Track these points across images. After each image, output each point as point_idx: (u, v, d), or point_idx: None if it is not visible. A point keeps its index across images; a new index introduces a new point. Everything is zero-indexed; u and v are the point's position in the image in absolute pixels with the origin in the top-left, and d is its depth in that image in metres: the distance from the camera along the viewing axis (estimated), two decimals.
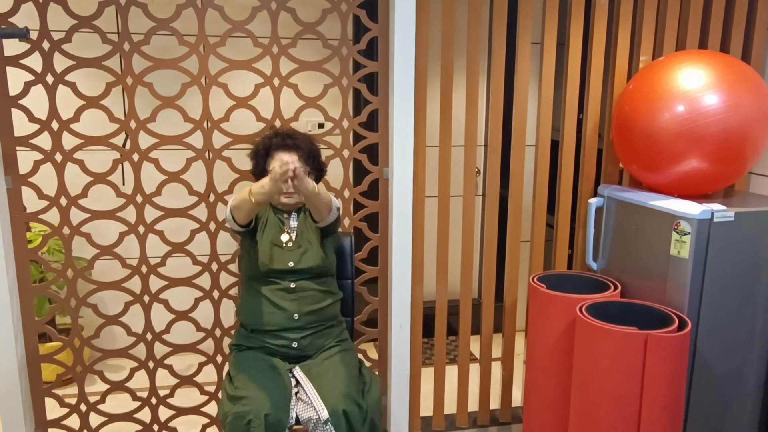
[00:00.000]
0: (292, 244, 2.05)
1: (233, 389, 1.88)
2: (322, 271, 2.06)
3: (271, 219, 2.09)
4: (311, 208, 2.02)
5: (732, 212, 1.97)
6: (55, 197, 2.20)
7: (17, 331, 2.20)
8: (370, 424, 1.86)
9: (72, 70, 2.12)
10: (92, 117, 2.26)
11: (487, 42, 3.33)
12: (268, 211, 2.11)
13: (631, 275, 2.23)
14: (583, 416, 1.97)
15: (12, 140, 2.13)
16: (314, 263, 2.03)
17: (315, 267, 2.04)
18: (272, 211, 2.11)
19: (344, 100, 2.35)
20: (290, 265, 2.01)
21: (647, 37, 2.39)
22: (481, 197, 3.64)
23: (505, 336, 2.62)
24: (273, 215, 2.10)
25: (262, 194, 1.87)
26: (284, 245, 2.05)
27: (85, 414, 2.37)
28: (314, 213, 2.03)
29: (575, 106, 2.46)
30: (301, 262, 2.02)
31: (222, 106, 2.28)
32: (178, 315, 2.39)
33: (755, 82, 2.02)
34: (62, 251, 2.79)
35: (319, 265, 2.04)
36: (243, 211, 1.94)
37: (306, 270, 2.03)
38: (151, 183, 2.27)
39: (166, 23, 2.16)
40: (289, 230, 2.09)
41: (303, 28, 2.25)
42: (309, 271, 2.03)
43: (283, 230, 2.08)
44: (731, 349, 2.06)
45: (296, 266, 2.02)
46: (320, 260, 2.05)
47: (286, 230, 2.08)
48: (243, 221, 1.98)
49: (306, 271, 2.03)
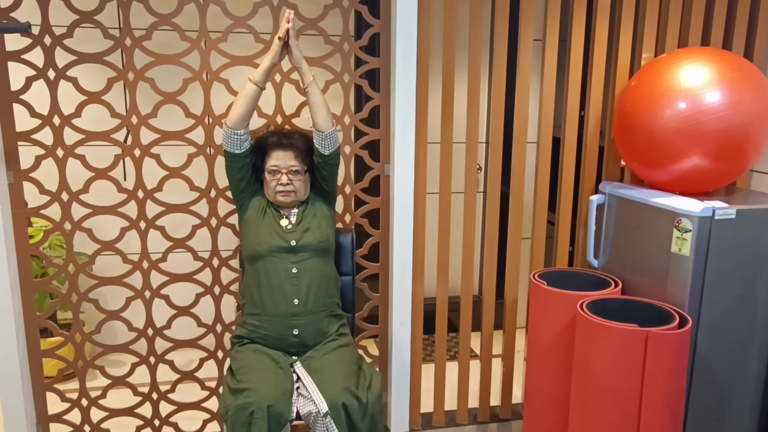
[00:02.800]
0: (292, 227, 2.06)
1: (235, 382, 1.89)
2: (324, 247, 2.06)
3: (270, 210, 2.08)
4: (313, 108, 2.02)
5: (733, 210, 1.97)
6: (57, 192, 2.20)
7: (18, 326, 2.20)
8: (371, 419, 1.86)
9: (73, 66, 2.12)
10: (94, 112, 2.27)
11: (488, 39, 3.33)
12: (266, 205, 2.10)
13: (632, 272, 2.23)
14: (584, 413, 1.97)
15: (13, 135, 2.13)
16: (315, 240, 2.04)
17: (316, 243, 2.04)
18: (272, 207, 2.10)
19: (346, 96, 2.35)
20: (292, 243, 2.02)
21: (649, 34, 2.38)
22: (482, 194, 3.64)
23: (505, 333, 2.62)
24: (272, 210, 2.09)
25: (261, 68, 1.98)
26: (284, 228, 2.05)
27: (86, 409, 2.38)
28: (317, 115, 2.03)
29: (577, 103, 2.45)
30: (302, 239, 2.03)
31: (223, 101, 2.27)
32: (179, 310, 2.39)
33: (757, 80, 2.02)
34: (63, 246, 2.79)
35: (320, 241, 2.04)
36: (239, 104, 1.98)
37: (307, 247, 2.02)
38: (153, 178, 2.27)
39: (168, 19, 2.16)
40: (289, 218, 2.09)
41: (305, 24, 2.25)
42: (310, 247, 2.03)
43: (283, 217, 2.08)
44: (732, 347, 2.06)
45: (298, 243, 2.02)
46: (321, 236, 2.05)
47: (285, 217, 2.08)
48: (238, 123, 1.99)
49: (307, 248, 2.03)
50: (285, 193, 2.05)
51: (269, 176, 2.05)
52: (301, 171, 2.05)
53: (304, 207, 2.11)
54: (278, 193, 2.04)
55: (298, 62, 2.01)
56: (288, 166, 2.03)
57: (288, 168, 2.03)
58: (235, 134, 1.99)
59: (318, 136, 2.04)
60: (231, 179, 2.08)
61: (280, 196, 2.05)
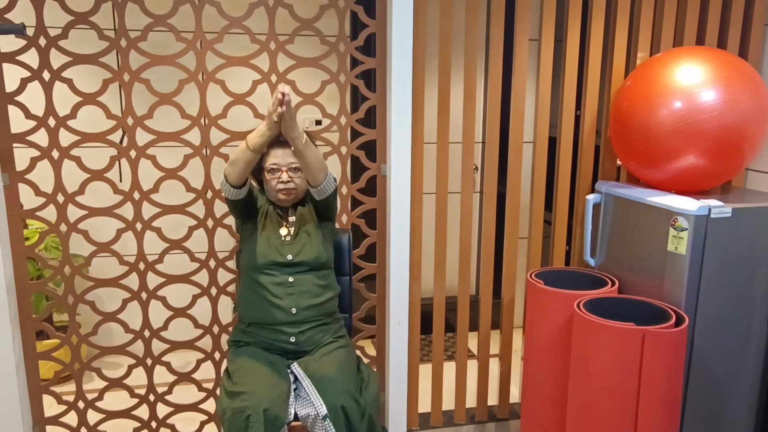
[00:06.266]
0: (290, 238, 2.05)
1: (232, 385, 1.89)
2: (321, 263, 2.06)
3: (271, 213, 2.09)
4: (305, 168, 1.96)
5: (729, 208, 1.97)
6: (52, 194, 2.19)
7: (14, 329, 2.19)
8: (369, 420, 1.86)
9: (69, 67, 2.12)
10: (89, 114, 2.26)
11: (484, 39, 3.33)
12: (267, 206, 2.11)
13: (629, 271, 2.23)
14: (581, 412, 1.97)
15: (8, 137, 2.12)
16: (313, 255, 2.03)
17: (313, 259, 2.03)
18: (271, 207, 2.11)
19: (342, 97, 2.34)
20: (289, 257, 2.01)
21: (645, 33, 2.39)
22: (478, 194, 3.64)
23: (503, 332, 2.62)
24: (272, 210, 2.10)
25: (259, 138, 1.87)
26: (283, 239, 2.05)
27: (83, 411, 2.37)
28: (309, 174, 1.97)
29: (573, 103, 2.46)
30: (299, 254, 2.02)
31: (219, 102, 2.27)
32: (175, 312, 2.39)
33: (752, 79, 2.03)
34: (59, 248, 2.78)
35: (317, 257, 2.04)
36: (238, 165, 1.92)
37: (305, 262, 2.02)
38: (149, 180, 2.27)
39: (163, 19, 2.15)
40: (287, 224, 2.08)
41: (300, 25, 2.25)
42: (307, 263, 2.03)
43: (282, 224, 2.08)
44: (728, 345, 2.06)
45: (295, 259, 2.01)
46: (319, 253, 2.05)
47: (284, 224, 2.08)
48: (238, 180, 1.95)
49: (304, 263, 2.02)
50: (286, 191, 2.04)
51: (269, 175, 2.04)
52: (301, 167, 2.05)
53: (301, 215, 2.10)
54: (280, 192, 2.04)
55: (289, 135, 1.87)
56: (288, 163, 2.03)
57: (288, 165, 2.03)
58: (236, 188, 1.99)
59: (312, 190, 2.03)
60: (235, 215, 2.10)
61: (282, 194, 2.05)
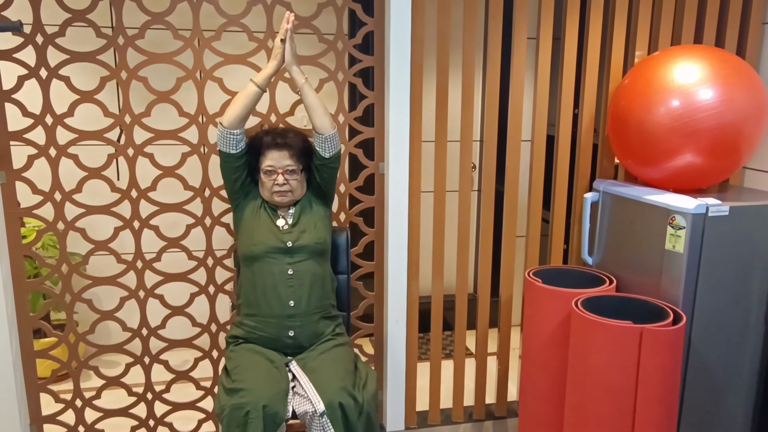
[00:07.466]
0: (288, 227, 2.05)
1: (230, 382, 1.88)
2: (321, 250, 2.06)
3: (265, 210, 2.07)
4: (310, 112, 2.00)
5: (726, 207, 1.98)
6: (50, 192, 2.19)
7: (12, 327, 2.19)
8: (366, 418, 1.86)
9: (66, 65, 2.11)
10: (86, 111, 2.25)
11: (482, 37, 3.33)
12: (261, 205, 2.09)
13: (626, 270, 2.24)
14: (578, 410, 1.98)
15: (5, 135, 2.11)
16: (312, 241, 2.03)
17: (312, 245, 2.03)
18: (267, 207, 2.08)
19: (340, 95, 2.34)
20: (288, 244, 2.01)
21: (642, 32, 2.39)
22: (476, 192, 3.64)
23: (500, 330, 2.63)
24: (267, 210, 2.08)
25: (264, 71, 1.96)
26: (281, 228, 2.04)
27: (81, 409, 2.37)
28: (315, 118, 2.00)
29: (571, 101, 2.46)
30: (299, 240, 2.02)
31: (217, 100, 2.27)
32: (173, 310, 2.38)
33: (750, 77, 2.03)
34: (57, 246, 2.78)
35: (316, 242, 2.04)
36: (238, 103, 1.96)
37: (305, 247, 2.02)
38: (146, 178, 2.26)
39: (161, 17, 2.15)
40: (285, 216, 2.08)
41: (299, 23, 2.25)
42: (307, 248, 2.02)
43: (279, 216, 2.07)
44: (726, 343, 2.07)
45: (294, 244, 2.01)
46: (318, 238, 2.04)
47: (282, 216, 2.08)
48: (234, 123, 1.96)
49: (304, 248, 2.02)
50: (281, 194, 2.04)
51: (265, 177, 2.03)
52: (297, 170, 2.04)
53: (301, 207, 2.10)
54: (275, 194, 2.03)
55: (290, 65, 1.98)
56: (284, 166, 2.02)
57: (284, 168, 2.02)
58: (231, 134, 1.98)
59: (318, 139, 2.03)
60: (226, 179, 2.07)
61: (277, 196, 2.04)
